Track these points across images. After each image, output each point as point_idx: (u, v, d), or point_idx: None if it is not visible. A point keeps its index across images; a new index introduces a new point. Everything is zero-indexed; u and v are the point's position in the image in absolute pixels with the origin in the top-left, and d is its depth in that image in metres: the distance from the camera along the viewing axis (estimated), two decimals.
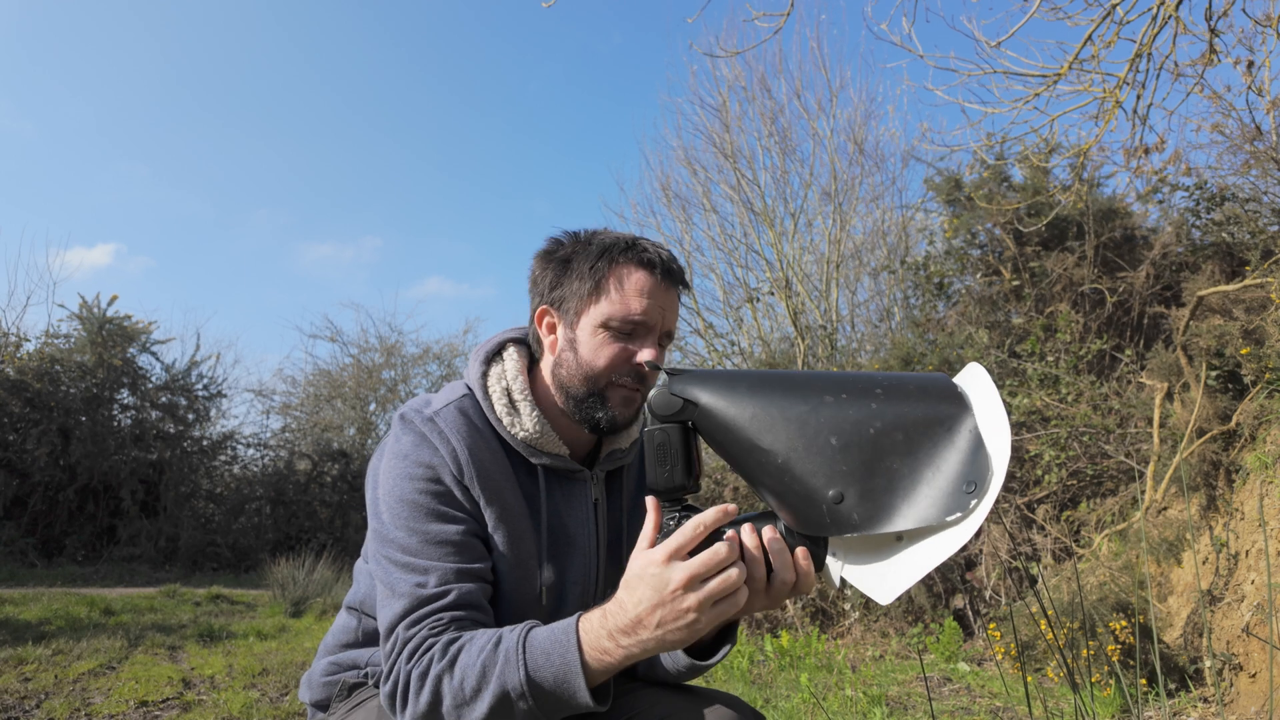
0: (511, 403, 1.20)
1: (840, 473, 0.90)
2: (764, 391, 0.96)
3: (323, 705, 1.30)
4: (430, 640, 1.02)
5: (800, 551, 0.95)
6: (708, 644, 1.15)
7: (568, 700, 0.96)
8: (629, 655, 0.94)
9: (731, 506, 0.94)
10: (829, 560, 0.95)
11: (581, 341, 1.18)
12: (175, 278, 26.12)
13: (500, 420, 1.19)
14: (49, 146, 25.75)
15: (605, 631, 0.95)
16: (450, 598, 1.06)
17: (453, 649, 1.01)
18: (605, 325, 1.16)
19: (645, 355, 1.16)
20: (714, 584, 0.90)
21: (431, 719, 1.00)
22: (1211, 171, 5.85)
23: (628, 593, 0.94)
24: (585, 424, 1.19)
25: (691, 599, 0.90)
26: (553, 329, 1.22)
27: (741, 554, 0.93)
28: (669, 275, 1.19)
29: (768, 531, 0.95)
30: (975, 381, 0.94)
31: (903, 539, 0.90)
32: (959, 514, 0.86)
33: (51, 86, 24.33)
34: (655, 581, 0.91)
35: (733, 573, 0.91)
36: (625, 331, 1.16)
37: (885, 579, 0.89)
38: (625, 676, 1.32)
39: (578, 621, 0.98)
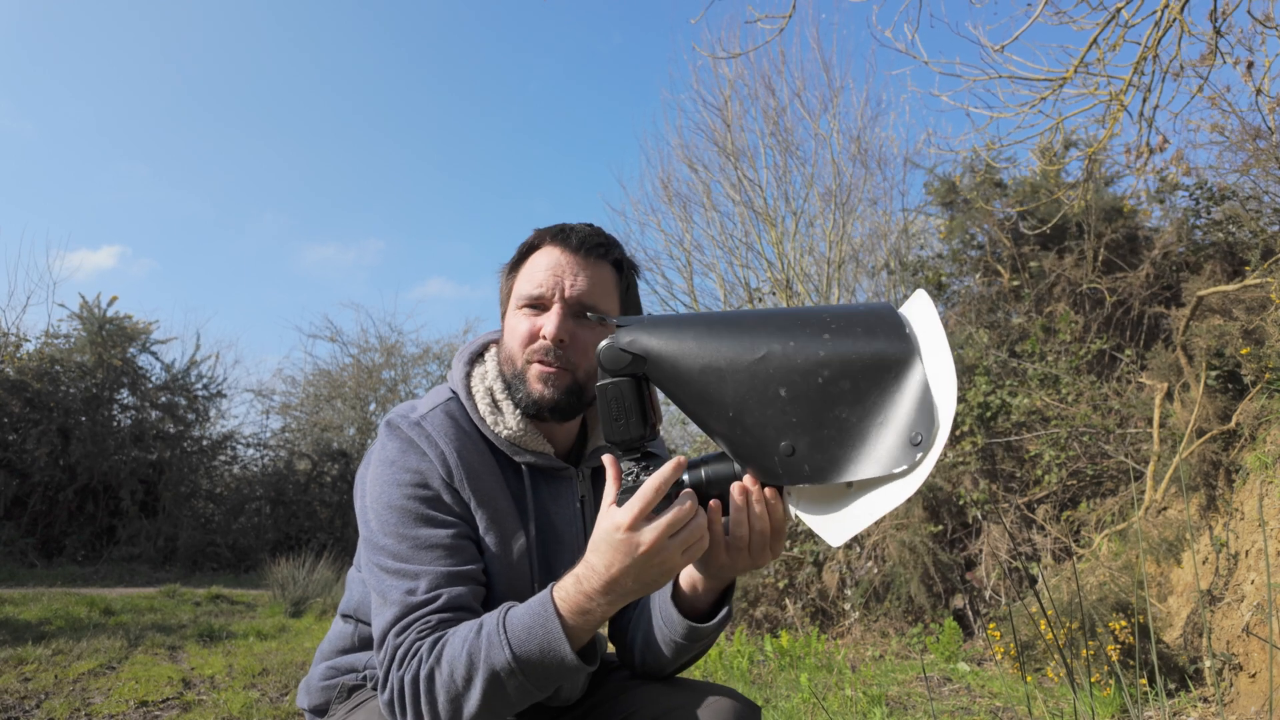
0: (494, 402, 1.20)
1: (790, 424, 0.91)
2: (712, 341, 0.95)
3: (321, 710, 1.30)
4: (417, 644, 1.02)
5: (769, 493, 0.97)
6: (705, 610, 1.15)
7: (557, 666, 0.97)
8: (611, 607, 0.96)
9: (683, 458, 0.96)
10: (784, 498, 0.97)
11: (505, 328, 1.22)
12: (177, 278, 26.13)
13: (484, 420, 1.19)
14: (49, 146, 25.76)
15: (581, 594, 0.96)
16: (439, 601, 1.05)
17: (438, 646, 1.01)
18: (518, 305, 1.18)
19: (545, 327, 1.14)
20: (682, 535, 0.93)
21: (433, 718, 1.00)
22: (1212, 171, 5.86)
23: (597, 556, 0.95)
24: (524, 412, 1.18)
25: (662, 555, 0.92)
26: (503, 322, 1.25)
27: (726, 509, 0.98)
28: (580, 246, 1.18)
29: (736, 489, 0.96)
30: (921, 315, 0.94)
31: (852, 487, 0.92)
32: (905, 467, 0.88)
33: (52, 86, 24.34)
34: (625, 546, 0.92)
35: (699, 523, 0.94)
36: (532, 306, 1.17)
37: (836, 523, 0.92)
38: (623, 675, 1.32)
39: (552, 590, 0.99)
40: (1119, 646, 3.72)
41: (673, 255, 10.12)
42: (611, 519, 0.94)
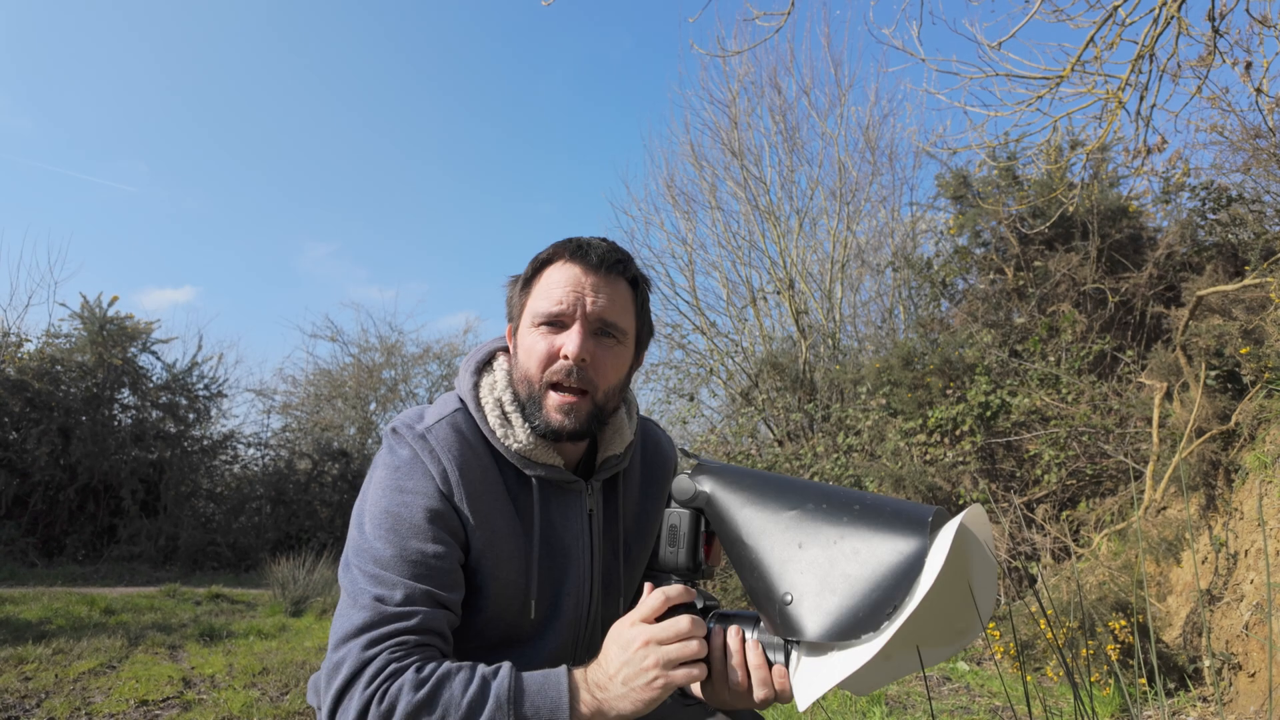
0: (504, 414, 1.17)
1: (796, 577, 0.93)
2: (762, 493, 1.00)
3: None
4: (393, 666, 0.97)
5: (765, 664, 0.96)
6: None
7: None
8: (601, 709, 0.96)
9: (691, 589, 1.00)
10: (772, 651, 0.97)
11: (520, 345, 1.18)
12: (179, 279, 26.13)
13: (493, 432, 1.16)
14: (49, 146, 25.76)
15: (585, 683, 0.98)
16: (415, 620, 1.02)
17: (429, 683, 0.96)
18: (534, 323, 1.15)
19: (566, 347, 1.12)
20: (673, 649, 0.94)
21: None
22: (1213, 171, 5.86)
23: (605, 652, 0.99)
24: (536, 433, 1.16)
25: (651, 658, 0.94)
26: (513, 337, 1.22)
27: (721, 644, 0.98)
28: (600, 264, 1.15)
29: (732, 631, 0.98)
30: (969, 523, 0.93)
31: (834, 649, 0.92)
32: (871, 634, 0.88)
33: (51, 85, 24.35)
34: (621, 640, 0.97)
35: (692, 643, 0.95)
36: (551, 324, 1.13)
37: (807, 684, 0.91)
38: None
39: (569, 670, 1.00)
40: (1118, 646, 3.73)
41: (675, 255, 10.13)
42: (621, 620, 1.00)
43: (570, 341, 1.12)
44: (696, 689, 1.06)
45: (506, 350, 1.25)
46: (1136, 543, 4.35)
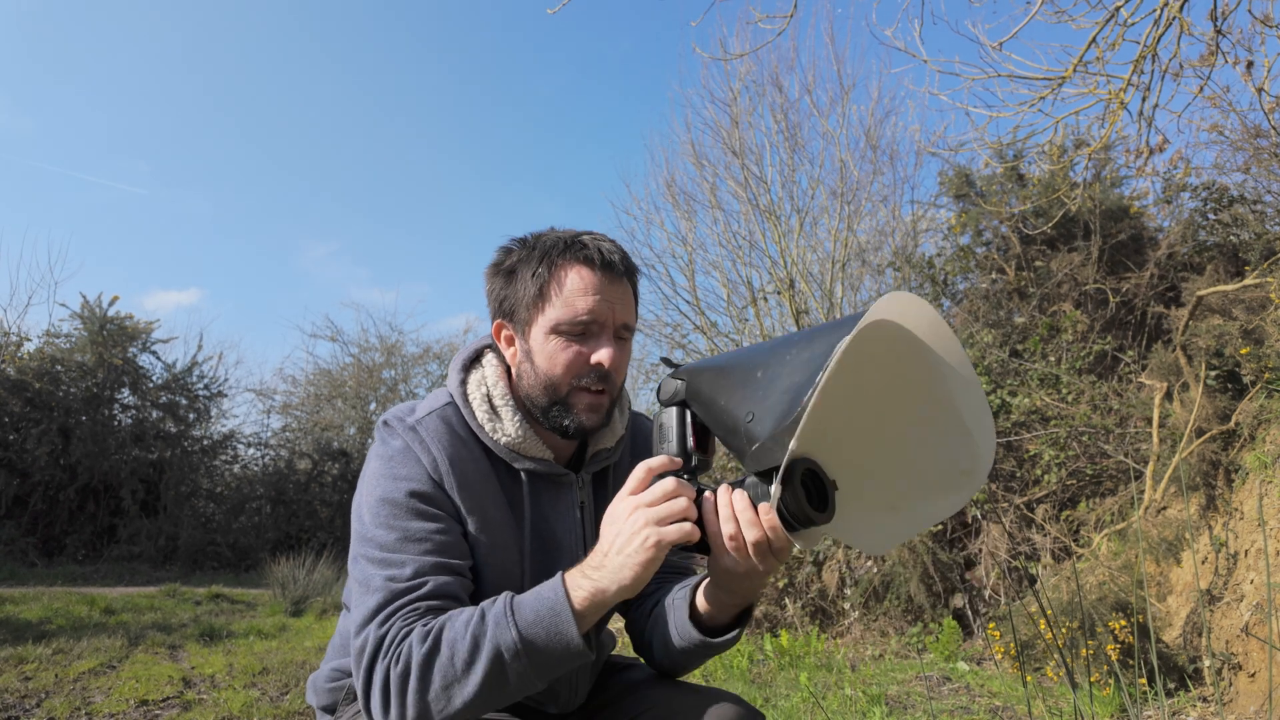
0: (493, 408, 1.19)
1: (754, 396, 0.95)
2: (732, 356, 1.04)
3: (330, 709, 1.29)
4: (404, 630, 0.99)
5: (751, 505, 0.96)
6: (722, 624, 1.15)
7: (561, 649, 0.97)
8: (598, 589, 0.97)
9: (679, 459, 1.02)
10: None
11: (536, 350, 1.17)
12: (176, 279, 26.13)
13: (482, 427, 1.17)
14: (49, 145, 25.76)
15: (580, 571, 0.99)
16: (426, 588, 1.03)
17: (433, 631, 0.98)
18: (556, 330, 1.14)
19: (600, 356, 1.14)
20: (661, 508, 0.95)
21: (419, 712, 0.97)
22: (1214, 171, 5.86)
23: (600, 536, 1.00)
24: (556, 432, 1.18)
25: (641, 519, 0.95)
26: (511, 341, 1.21)
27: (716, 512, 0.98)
28: (613, 267, 1.16)
29: (721, 489, 0.99)
30: (895, 308, 0.93)
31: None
32: (809, 395, 0.86)
33: (51, 84, 24.35)
34: (611, 516, 0.99)
35: (680, 500, 0.96)
36: (577, 333, 1.14)
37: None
38: (627, 678, 1.32)
39: (562, 574, 1.01)
40: (1118, 646, 3.73)
41: (675, 255, 10.12)
42: (612, 502, 1.01)
43: (604, 352, 1.14)
44: (707, 596, 1.08)
45: (493, 348, 1.26)
46: (1136, 543, 4.35)
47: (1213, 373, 4.61)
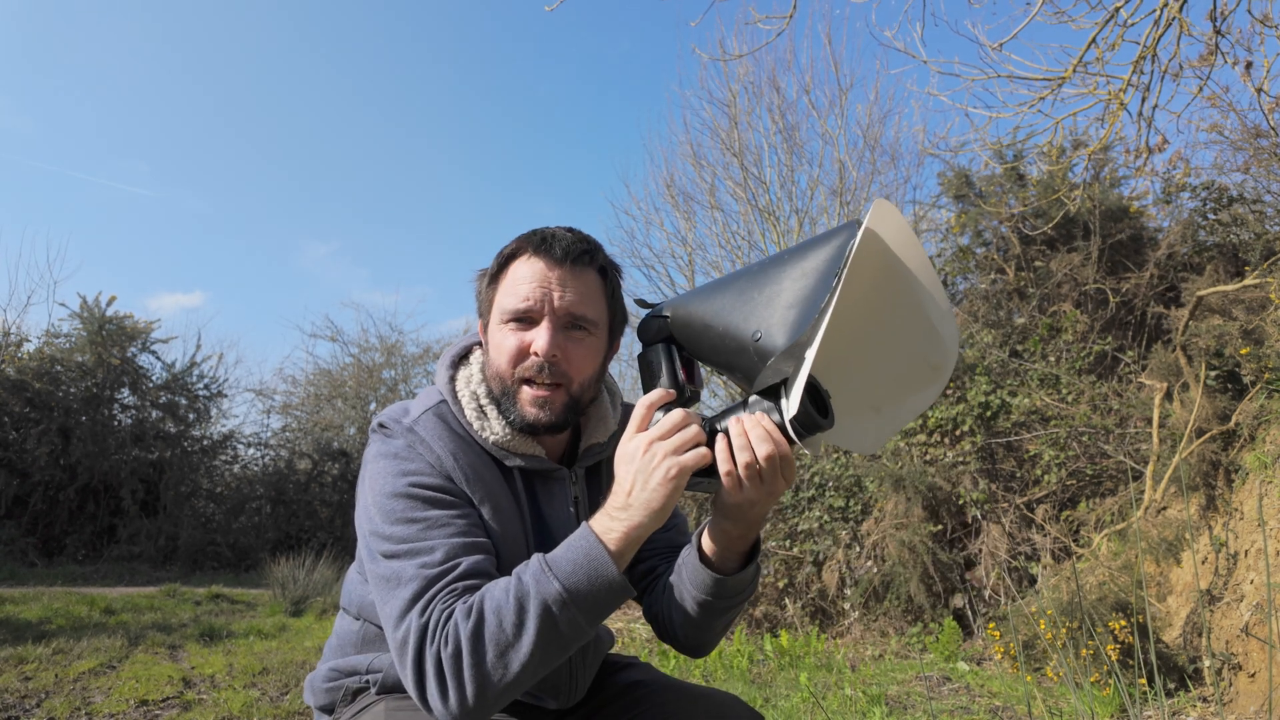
0: (480, 407, 1.18)
1: (759, 314, 0.98)
2: (713, 285, 1.05)
3: (328, 709, 1.29)
4: (445, 612, 0.98)
5: (758, 422, 0.99)
6: (735, 566, 1.14)
7: (605, 589, 0.98)
8: (631, 525, 0.98)
9: (672, 391, 1.04)
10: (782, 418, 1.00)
11: (490, 342, 1.18)
12: (179, 280, 26.13)
13: (471, 424, 1.17)
14: (49, 145, 25.75)
15: (606, 515, 1.00)
16: (460, 569, 1.02)
17: (474, 605, 0.97)
18: (504, 320, 1.14)
19: (536, 344, 1.12)
20: (674, 438, 0.97)
21: (479, 685, 0.95)
22: (1213, 171, 5.86)
23: (616, 476, 1.01)
24: (515, 428, 1.16)
25: (658, 452, 0.97)
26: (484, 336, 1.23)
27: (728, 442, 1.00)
28: (565, 256, 1.13)
29: (730, 417, 1.01)
30: (880, 216, 0.98)
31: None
32: (826, 301, 0.92)
33: (51, 84, 24.34)
34: (624, 455, 1.01)
35: (691, 428, 0.98)
36: (520, 320, 1.13)
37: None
38: (627, 678, 1.32)
39: (588, 522, 1.02)
40: (1118, 646, 3.72)
41: (675, 255, 10.12)
42: (619, 445, 1.02)
43: (540, 339, 1.12)
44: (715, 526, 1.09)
45: (481, 346, 1.26)
46: (1136, 543, 4.35)
47: (1213, 373, 4.61)
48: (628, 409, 1.37)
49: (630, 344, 10.37)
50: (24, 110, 24.53)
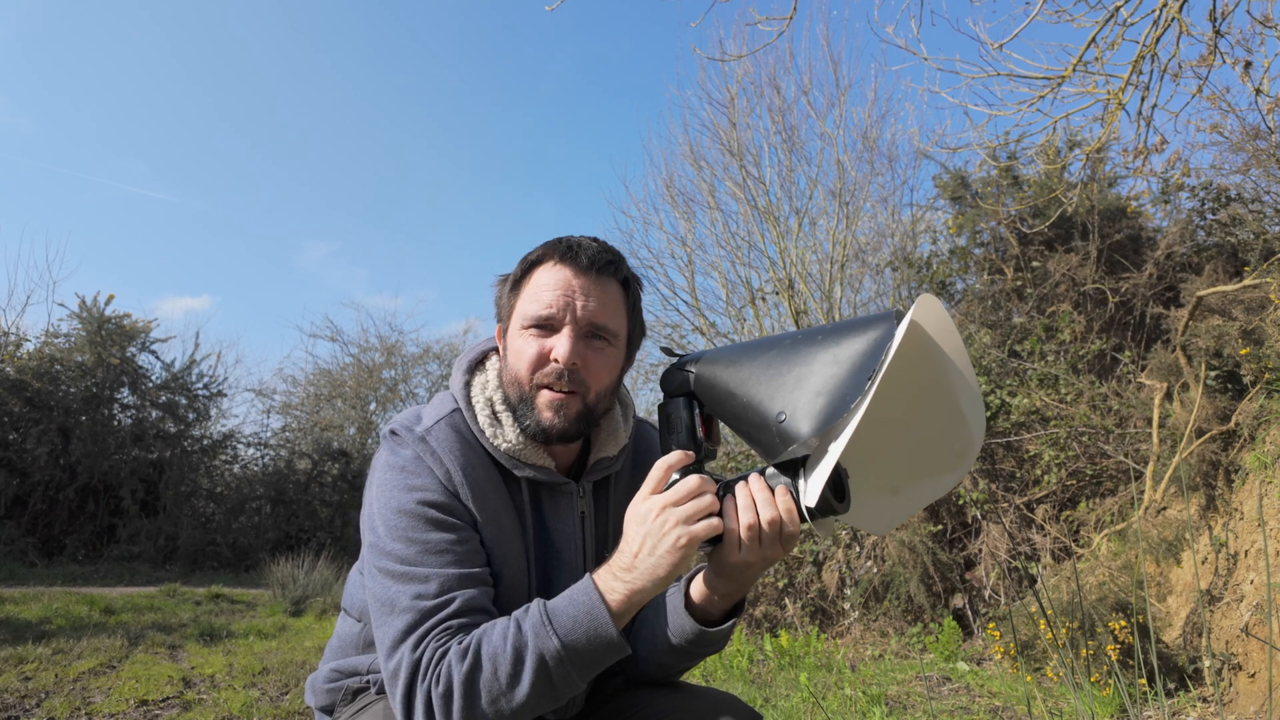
0: (494, 414, 1.17)
1: (786, 396, 0.97)
2: (741, 351, 1.06)
3: (328, 710, 1.29)
4: (439, 650, 0.99)
5: (768, 489, 0.99)
6: (716, 618, 1.15)
7: (603, 649, 0.98)
8: (634, 589, 0.98)
9: (691, 453, 1.03)
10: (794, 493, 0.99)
11: (509, 348, 1.17)
12: (180, 280, 26.11)
13: (484, 432, 1.16)
14: (49, 145, 25.74)
15: (611, 574, 1.00)
16: (454, 605, 1.02)
17: (471, 647, 0.98)
18: (524, 326, 1.14)
19: (557, 350, 1.12)
20: (688, 506, 0.97)
21: None
22: (1213, 172, 5.86)
23: (625, 534, 1.01)
24: (530, 434, 1.16)
25: (670, 519, 0.97)
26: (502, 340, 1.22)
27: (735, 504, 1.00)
28: (583, 263, 1.13)
29: (739, 484, 1.01)
30: (924, 312, 0.98)
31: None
32: (857, 400, 0.91)
33: (51, 83, 24.33)
34: (636, 516, 1.00)
35: (705, 497, 0.98)
36: (542, 327, 1.13)
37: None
38: (620, 681, 1.32)
39: (591, 575, 1.02)
40: (1118, 646, 3.73)
41: (674, 255, 10.12)
42: (633, 502, 1.01)
43: (561, 346, 1.11)
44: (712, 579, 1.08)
45: (498, 350, 1.25)
46: (1136, 543, 4.35)
47: (1212, 373, 4.61)
48: (640, 424, 1.36)
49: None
50: (24, 110, 24.54)
